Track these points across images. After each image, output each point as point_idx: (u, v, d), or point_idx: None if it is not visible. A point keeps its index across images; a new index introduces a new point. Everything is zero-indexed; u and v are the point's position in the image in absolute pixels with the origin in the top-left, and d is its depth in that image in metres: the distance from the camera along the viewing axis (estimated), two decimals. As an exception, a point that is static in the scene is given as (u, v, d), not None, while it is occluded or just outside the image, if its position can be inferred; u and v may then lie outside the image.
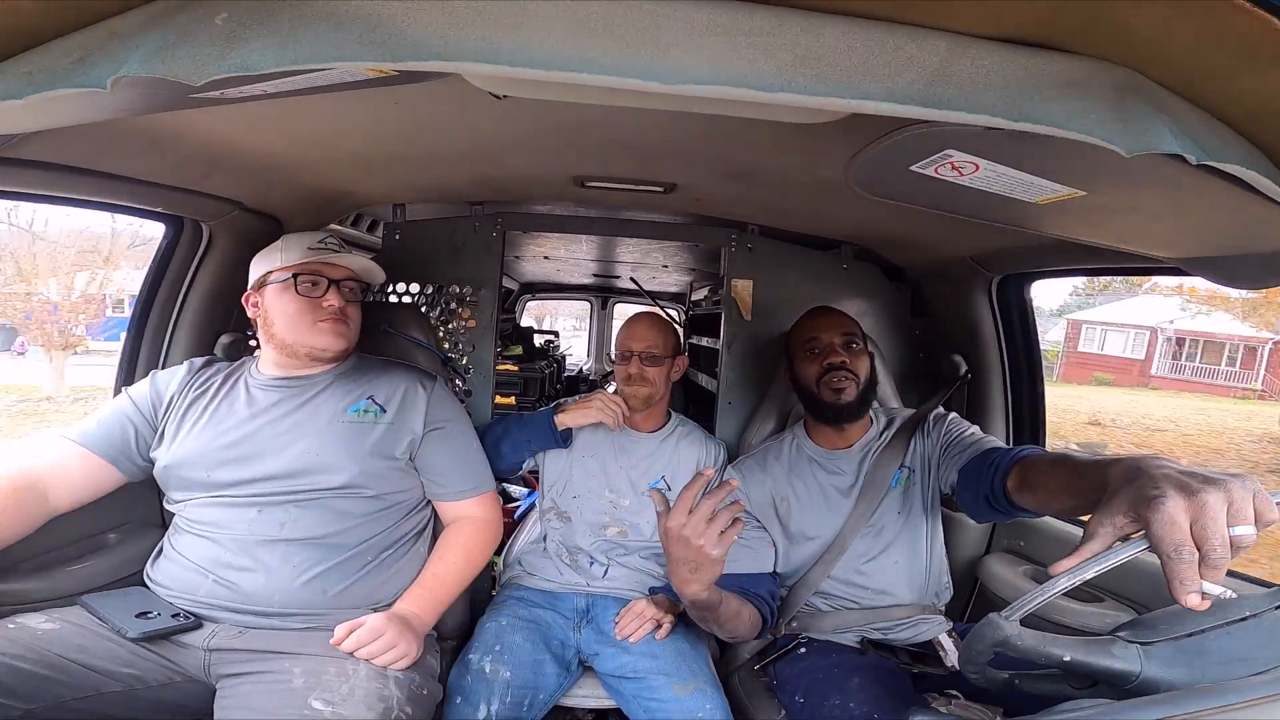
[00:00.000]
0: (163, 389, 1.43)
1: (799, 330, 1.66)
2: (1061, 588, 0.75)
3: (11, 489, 1.23)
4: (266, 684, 1.15)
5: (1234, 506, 0.69)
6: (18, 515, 1.22)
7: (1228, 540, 0.68)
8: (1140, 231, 1.12)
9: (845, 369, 1.54)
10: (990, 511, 1.29)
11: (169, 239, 1.69)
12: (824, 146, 1.23)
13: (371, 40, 0.61)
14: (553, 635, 1.60)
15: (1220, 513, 0.69)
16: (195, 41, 0.61)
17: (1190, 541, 0.68)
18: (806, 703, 1.34)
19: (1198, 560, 0.68)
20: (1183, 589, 0.67)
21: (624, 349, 1.82)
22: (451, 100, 1.14)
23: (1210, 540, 0.67)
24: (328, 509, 1.34)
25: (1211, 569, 0.67)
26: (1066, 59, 0.67)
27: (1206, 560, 0.67)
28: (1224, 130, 0.71)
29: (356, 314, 1.48)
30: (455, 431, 1.54)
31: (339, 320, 1.42)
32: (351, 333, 1.46)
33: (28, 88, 0.64)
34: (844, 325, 1.61)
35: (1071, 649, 0.80)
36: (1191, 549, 0.68)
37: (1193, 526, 0.69)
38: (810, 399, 1.60)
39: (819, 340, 1.59)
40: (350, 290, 1.46)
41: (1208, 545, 0.67)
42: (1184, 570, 0.67)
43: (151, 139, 1.25)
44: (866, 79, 0.66)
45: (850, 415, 1.57)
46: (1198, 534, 0.68)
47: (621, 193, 1.78)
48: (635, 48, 0.63)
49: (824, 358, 1.56)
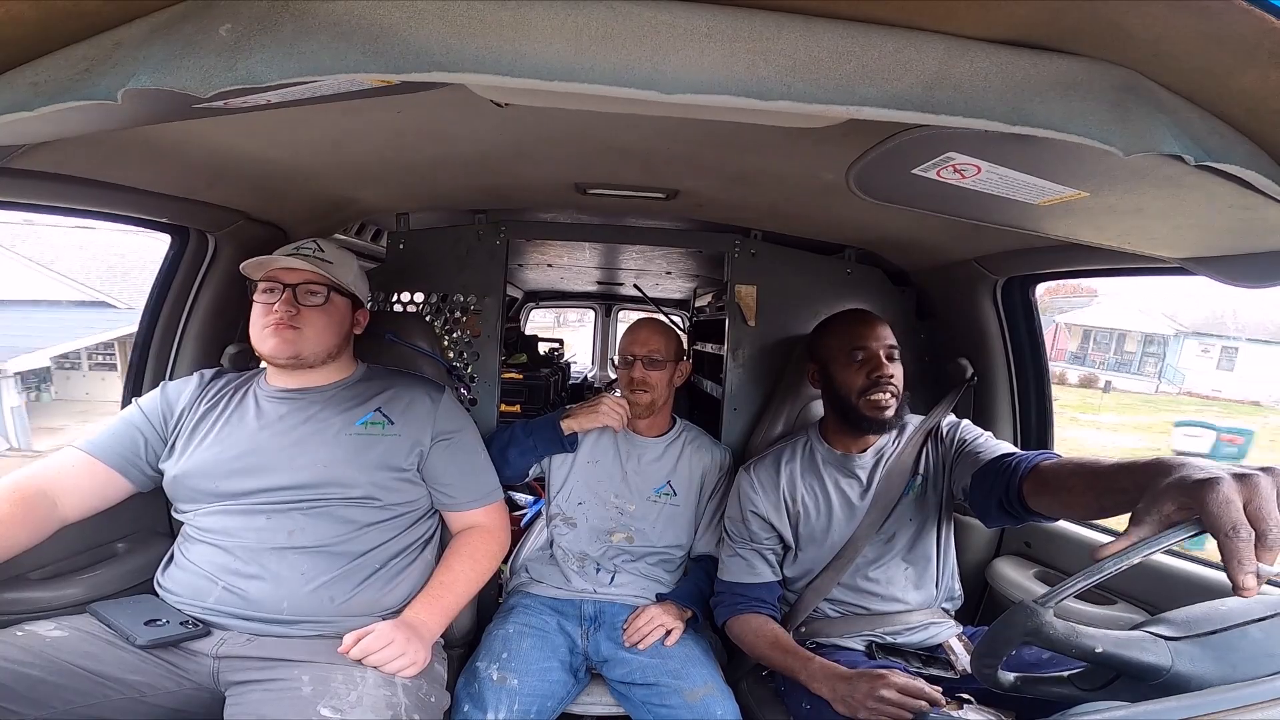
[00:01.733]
0: (174, 400, 1.43)
1: (839, 333, 1.58)
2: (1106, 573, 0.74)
3: (21, 497, 1.22)
4: (275, 691, 1.15)
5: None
6: (27, 523, 1.21)
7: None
8: (1143, 232, 1.12)
9: (891, 383, 1.50)
10: (1003, 516, 1.28)
11: (175, 250, 1.70)
12: (825, 151, 1.23)
13: (374, 51, 0.61)
14: (560, 642, 1.59)
15: (1273, 494, 0.70)
16: (201, 53, 0.61)
17: (1246, 521, 0.69)
18: (814, 709, 1.33)
19: (1253, 540, 0.68)
20: (1240, 569, 0.67)
21: (626, 354, 1.82)
22: (454, 108, 1.15)
23: (1267, 520, 0.68)
24: (336, 517, 1.34)
25: (1268, 550, 0.68)
26: (1065, 60, 0.67)
27: (1264, 540, 0.68)
28: (1225, 130, 0.70)
29: (319, 318, 1.40)
30: (463, 442, 1.54)
31: (283, 325, 1.36)
32: (306, 338, 1.39)
33: (35, 99, 0.65)
34: (888, 335, 1.55)
35: (1104, 642, 0.79)
36: (1248, 528, 0.68)
37: (1246, 507, 0.70)
38: (846, 407, 1.55)
39: (867, 349, 1.52)
40: (311, 293, 1.39)
41: (1265, 525, 0.68)
42: (1242, 549, 0.68)
43: (156, 149, 1.26)
44: (865, 84, 0.66)
45: (887, 430, 1.55)
46: (1253, 514, 0.69)
47: (623, 199, 1.78)
48: (635, 57, 0.63)
49: (870, 369, 1.50)
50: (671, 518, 1.80)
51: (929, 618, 1.51)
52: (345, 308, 1.47)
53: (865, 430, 1.55)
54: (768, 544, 1.60)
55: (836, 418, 1.61)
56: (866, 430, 1.55)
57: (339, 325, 1.45)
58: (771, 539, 1.60)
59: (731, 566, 1.61)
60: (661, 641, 1.58)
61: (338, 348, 1.46)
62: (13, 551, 1.18)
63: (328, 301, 1.41)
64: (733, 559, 1.61)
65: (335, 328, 1.44)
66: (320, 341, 1.42)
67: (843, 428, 1.60)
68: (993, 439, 1.50)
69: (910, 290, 2.15)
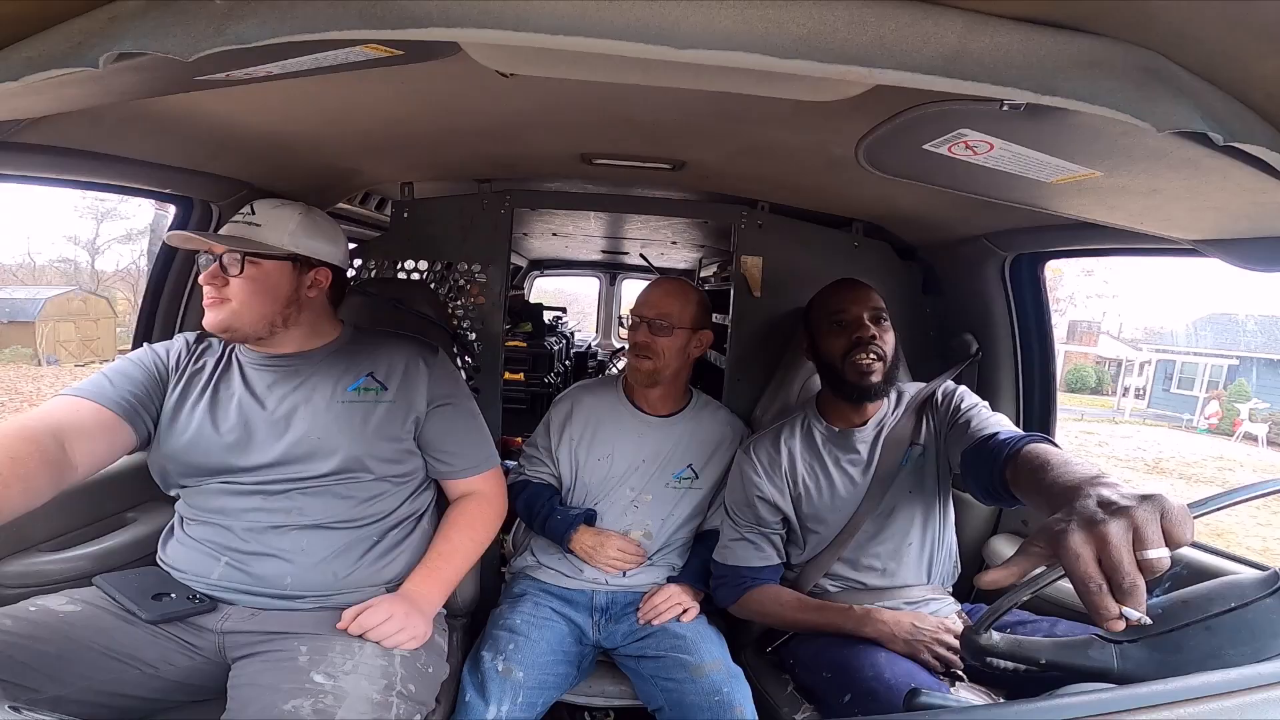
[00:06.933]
0: (165, 357, 1.37)
1: (823, 302, 1.58)
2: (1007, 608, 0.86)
3: (30, 435, 1.10)
4: (273, 661, 1.17)
5: (1140, 532, 0.71)
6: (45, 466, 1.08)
7: (1134, 568, 0.69)
8: (1157, 212, 1.10)
9: (874, 344, 1.48)
10: (992, 499, 1.29)
11: (179, 220, 1.70)
12: (835, 124, 1.20)
13: (369, 10, 0.60)
14: (568, 633, 1.57)
15: (1123, 542, 0.70)
16: (193, 19, 0.60)
17: (1095, 574, 0.70)
18: (834, 678, 1.34)
19: (1105, 589, 0.70)
20: (1099, 617, 0.70)
21: (634, 314, 1.72)
22: (458, 79, 1.13)
23: (1118, 570, 0.69)
24: (333, 494, 1.33)
25: (1126, 596, 0.69)
26: (1087, 39, 0.65)
27: (1117, 590, 0.69)
28: (1247, 113, 0.69)
29: (243, 287, 1.29)
30: (459, 407, 1.50)
31: (213, 301, 1.29)
32: (229, 311, 1.29)
33: (25, 70, 0.64)
34: (873, 299, 1.54)
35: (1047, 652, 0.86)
36: (1098, 581, 0.70)
37: (1100, 557, 0.71)
38: (833, 376, 1.54)
39: (847, 313, 1.51)
40: (234, 261, 1.28)
41: (1117, 575, 0.69)
42: (1094, 600, 0.70)
43: (160, 122, 1.24)
44: (881, 54, 0.64)
45: (875, 395, 1.53)
46: (1105, 564, 0.71)
47: (630, 170, 1.76)
48: (647, 11, 0.61)
49: (852, 331, 1.49)
50: (690, 502, 1.73)
51: (928, 594, 1.52)
52: (280, 271, 1.33)
53: (854, 397, 1.53)
54: (775, 528, 1.59)
55: (829, 388, 1.60)
56: (855, 397, 1.53)
57: (272, 291, 1.32)
58: (777, 522, 1.59)
59: (738, 550, 1.59)
60: (677, 619, 1.58)
61: (280, 315, 1.34)
62: (35, 500, 1.06)
63: (246, 269, 1.29)
64: (738, 543, 1.60)
65: (266, 294, 1.31)
66: (252, 310, 1.30)
67: (836, 399, 1.59)
68: (985, 410, 1.48)
69: (917, 265, 2.14)
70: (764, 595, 1.56)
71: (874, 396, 1.54)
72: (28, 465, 1.05)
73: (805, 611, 1.50)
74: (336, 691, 1.09)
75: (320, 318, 1.42)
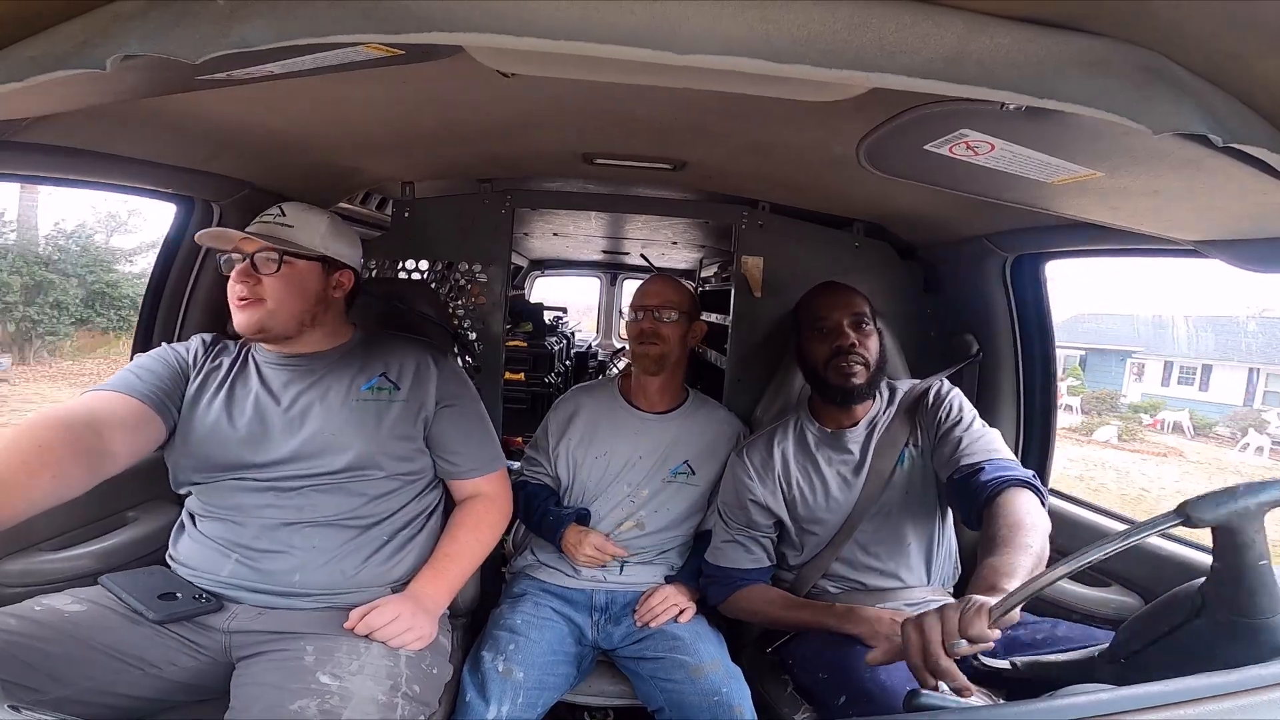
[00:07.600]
0: (184, 354, 1.39)
1: (807, 307, 1.60)
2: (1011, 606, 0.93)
3: (64, 424, 1.10)
4: (278, 661, 1.17)
5: (945, 627, 0.94)
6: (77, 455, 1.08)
7: (940, 653, 0.93)
8: (1158, 213, 1.10)
9: (855, 351, 1.49)
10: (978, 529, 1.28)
11: (180, 219, 1.69)
12: (836, 124, 1.21)
13: (372, 12, 0.60)
14: (568, 633, 1.58)
15: (936, 633, 0.94)
16: (196, 21, 0.60)
17: (918, 659, 0.95)
18: (830, 678, 1.34)
19: (924, 667, 0.94)
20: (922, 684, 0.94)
21: (637, 306, 1.75)
22: (460, 78, 1.13)
23: (930, 656, 0.94)
24: (345, 491, 1.34)
25: (943, 674, 0.92)
26: (1087, 39, 0.65)
27: (933, 671, 0.93)
28: (1248, 113, 0.69)
29: (278, 286, 1.31)
30: (466, 408, 1.51)
31: (246, 301, 1.30)
32: (268, 310, 1.31)
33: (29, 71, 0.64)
34: (854, 304, 1.55)
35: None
36: (919, 664, 0.95)
37: (923, 645, 0.95)
38: (817, 380, 1.56)
39: (827, 320, 1.53)
40: (268, 261, 1.30)
41: (930, 661, 0.93)
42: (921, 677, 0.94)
43: (161, 121, 1.24)
44: (881, 56, 0.64)
45: (859, 397, 1.54)
46: (925, 651, 0.95)
47: (631, 170, 1.76)
48: (648, 16, 0.61)
49: (833, 339, 1.51)
50: (687, 498, 1.74)
51: (928, 595, 1.51)
52: (311, 271, 1.36)
53: (838, 400, 1.55)
54: (766, 530, 1.60)
55: (816, 392, 1.62)
56: (840, 400, 1.54)
57: (304, 290, 1.35)
58: (769, 525, 1.60)
59: (729, 552, 1.60)
60: (674, 620, 1.58)
61: (310, 314, 1.37)
62: (70, 490, 1.06)
63: (282, 268, 1.31)
64: (729, 545, 1.60)
65: (300, 294, 1.34)
66: (285, 310, 1.33)
67: (823, 401, 1.60)
68: (976, 426, 1.46)
69: (918, 265, 2.13)
70: (752, 594, 1.56)
71: (858, 399, 1.55)
72: (57, 452, 1.06)
73: (790, 609, 1.50)
74: (342, 692, 1.09)
75: (338, 319, 1.46)
